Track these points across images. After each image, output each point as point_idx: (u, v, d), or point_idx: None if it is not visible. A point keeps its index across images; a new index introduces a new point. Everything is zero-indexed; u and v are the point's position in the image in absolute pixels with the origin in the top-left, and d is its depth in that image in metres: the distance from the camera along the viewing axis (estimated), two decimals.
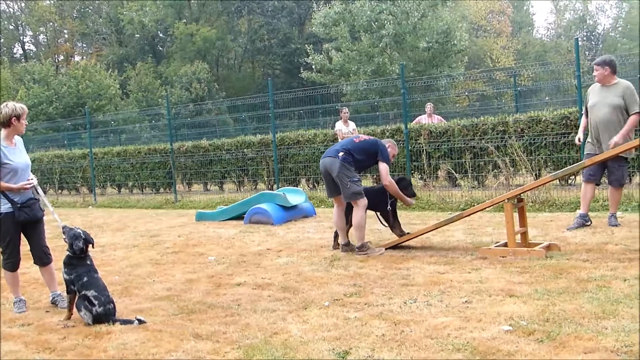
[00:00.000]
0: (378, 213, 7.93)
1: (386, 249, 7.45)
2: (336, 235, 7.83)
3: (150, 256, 8.22)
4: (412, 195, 7.95)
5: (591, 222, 8.09)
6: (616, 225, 7.88)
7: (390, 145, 7.66)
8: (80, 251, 5.33)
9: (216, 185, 17.87)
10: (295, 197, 11.12)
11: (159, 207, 15.29)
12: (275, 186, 14.47)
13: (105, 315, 5.09)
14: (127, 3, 46.06)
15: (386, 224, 7.86)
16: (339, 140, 13.96)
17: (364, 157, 7.38)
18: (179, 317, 5.16)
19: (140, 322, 4.98)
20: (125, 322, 5.03)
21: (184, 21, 44.75)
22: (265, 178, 15.63)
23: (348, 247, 7.54)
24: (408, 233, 7.68)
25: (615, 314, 4.38)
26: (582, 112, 8.41)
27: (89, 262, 5.39)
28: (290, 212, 10.68)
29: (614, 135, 7.61)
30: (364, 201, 7.25)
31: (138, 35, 46.97)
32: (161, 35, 49.24)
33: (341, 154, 7.27)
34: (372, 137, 7.67)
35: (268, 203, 10.67)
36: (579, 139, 8.34)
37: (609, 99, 7.77)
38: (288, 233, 9.40)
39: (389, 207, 7.66)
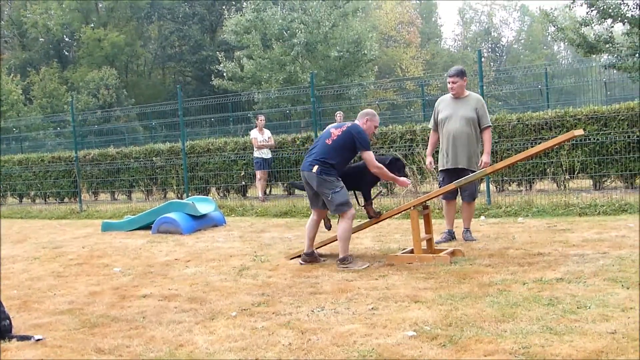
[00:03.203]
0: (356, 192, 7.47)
1: (291, 259, 7.45)
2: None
3: (52, 268, 7.92)
4: (406, 176, 7.50)
5: (455, 238, 8.05)
6: (473, 240, 7.80)
7: (368, 120, 7.02)
8: None
9: (124, 195, 17.44)
10: (205, 206, 10.98)
11: (63, 217, 14.77)
12: (185, 195, 14.26)
13: (0, 333, 4.86)
14: (30, 5, 44.39)
15: (361, 204, 7.42)
16: (255, 148, 13.94)
17: (342, 155, 6.86)
18: (81, 332, 4.99)
19: (38, 339, 4.77)
20: (23, 338, 4.81)
21: (92, 26, 43.52)
22: (175, 187, 15.38)
23: (310, 257, 7.11)
24: (380, 213, 7.37)
25: (514, 317, 4.53)
26: (431, 127, 8.18)
27: None
28: (200, 221, 10.53)
29: (468, 149, 7.62)
30: (351, 212, 6.78)
31: (42, 39, 45.33)
32: (67, 39, 47.73)
33: (315, 167, 6.74)
34: (346, 126, 6.93)
35: (177, 212, 10.49)
36: (430, 163, 8.13)
37: (462, 111, 7.65)
38: (197, 242, 9.27)
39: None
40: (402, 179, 7.13)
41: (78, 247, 9.62)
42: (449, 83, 7.77)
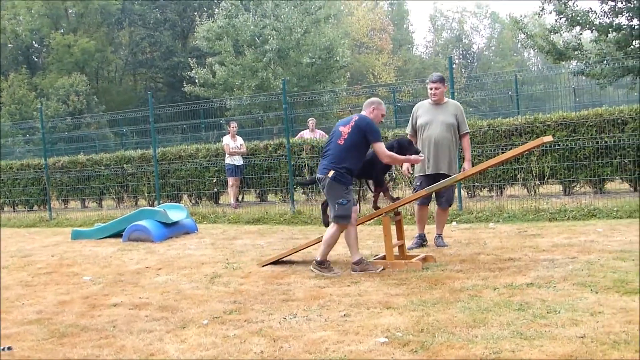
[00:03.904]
0: (369, 182, 7.36)
1: (263, 266, 7.43)
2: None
3: (21, 277, 7.79)
4: (417, 152, 7.18)
5: (427, 242, 8.11)
6: (444, 246, 7.85)
7: (374, 109, 6.90)
8: None
9: (95, 202, 17.24)
10: (176, 213, 10.90)
11: (32, 225, 14.56)
12: (156, 202, 14.15)
13: None
14: None
15: (375, 193, 7.31)
16: (226, 154, 13.87)
17: (356, 154, 6.68)
18: (50, 342, 4.91)
19: (8, 348, 4.69)
20: None
21: (61, 32, 43.01)
22: (146, 194, 15.25)
23: (360, 264, 6.72)
24: (398, 198, 7.26)
25: (485, 322, 4.56)
26: (408, 132, 8.13)
27: None
28: (171, 229, 10.45)
29: (449, 155, 7.67)
30: (345, 226, 6.67)
31: (11, 45, 44.70)
32: (36, 45, 47.12)
33: (331, 172, 6.59)
34: (353, 120, 6.72)
35: (148, 220, 10.40)
36: (407, 169, 8.06)
37: (442, 117, 7.66)
38: (169, 250, 9.20)
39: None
40: (414, 156, 7.01)
41: (47, 255, 9.48)
42: (431, 89, 7.77)
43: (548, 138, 6.69)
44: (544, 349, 3.93)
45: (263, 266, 7.39)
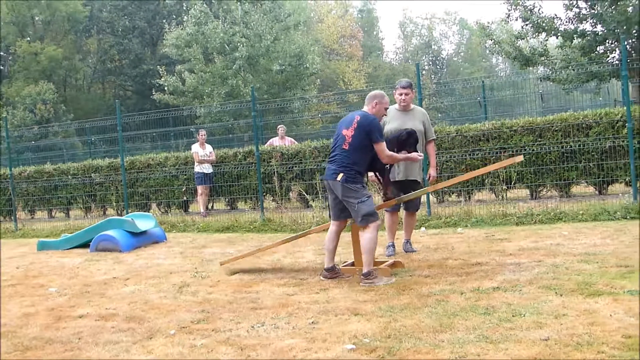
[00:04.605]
0: (376, 173, 7.15)
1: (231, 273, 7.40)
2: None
3: None
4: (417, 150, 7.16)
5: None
6: (413, 251, 7.86)
7: (377, 103, 6.66)
8: None
9: (62, 212, 17.03)
10: (145, 222, 10.81)
11: None
12: (124, 212, 14.01)
13: None
14: None
15: (381, 186, 7.19)
16: (196, 162, 13.79)
17: (364, 155, 6.50)
18: (13, 355, 4.83)
19: None
20: None
21: (28, 39, 42.54)
22: (114, 203, 15.11)
23: (331, 272, 6.68)
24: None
25: (451, 327, 4.59)
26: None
27: None
28: (140, 238, 10.36)
29: (419, 161, 7.56)
30: (377, 222, 6.42)
31: None
32: (2, 53, 46.50)
33: (340, 175, 6.39)
34: (355, 121, 6.48)
35: (116, 229, 10.29)
36: (377, 176, 7.84)
37: (410, 123, 7.56)
38: (137, 260, 9.11)
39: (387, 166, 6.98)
40: (413, 154, 6.93)
41: (12, 267, 9.33)
42: (401, 94, 7.69)
43: (519, 158, 6.76)
44: (509, 352, 3.97)
45: (222, 264, 7.34)
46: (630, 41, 19.54)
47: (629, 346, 3.93)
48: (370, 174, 7.80)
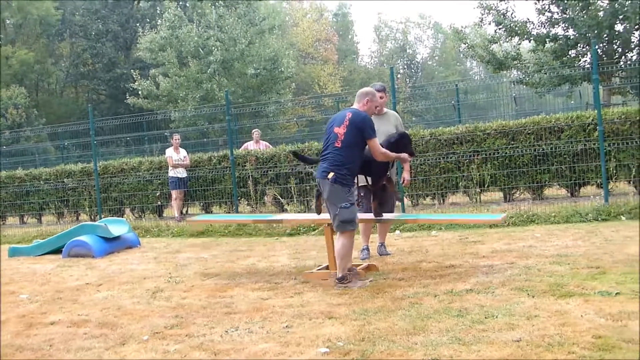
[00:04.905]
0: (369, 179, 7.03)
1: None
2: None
3: None
4: (411, 154, 7.11)
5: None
6: (387, 254, 7.90)
7: (368, 101, 6.58)
8: None
9: (34, 218, 16.81)
10: (118, 227, 10.72)
11: None
12: (98, 217, 13.88)
13: None
14: None
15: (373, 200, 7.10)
16: (170, 167, 13.71)
17: (356, 153, 6.39)
18: None
19: None
20: None
21: None
22: (88, 209, 14.96)
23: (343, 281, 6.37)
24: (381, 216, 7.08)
25: (424, 329, 4.61)
26: None
27: None
28: (113, 244, 10.27)
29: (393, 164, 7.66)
30: (354, 231, 6.42)
31: None
32: None
33: (331, 175, 6.26)
34: (347, 119, 6.37)
35: (88, 235, 10.19)
36: None
37: (384, 127, 7.52)
38: (110, 265, 9.03)
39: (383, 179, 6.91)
40: (404, 155, 6.85)
41: None
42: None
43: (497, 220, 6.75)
44: (481, 354, 4.00)
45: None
46: (601, 45, 19.82)
47: (599, 346, 3.98)
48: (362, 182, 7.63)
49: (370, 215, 7.32)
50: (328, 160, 6.39)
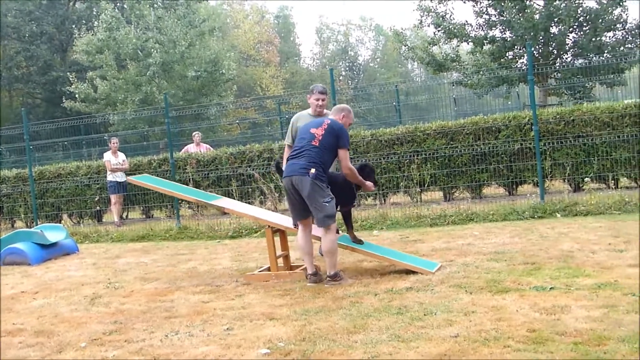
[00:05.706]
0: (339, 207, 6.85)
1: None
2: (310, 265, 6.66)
3: None
4: (375, 183, 7.09)
5: None
6: None
7: (344, 116, 6.70)
8: None
9: None
10: (55, 234, 10.45)
11: None
12: (34, 223, 13.53)
13: None
14: None
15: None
16: (108, 171, 13.45)
17: (330, 157, 6.45)
18: None
19: None
20: None
21: None
22: (23, 215, 14.57)
23: (316, 276, 6.48)
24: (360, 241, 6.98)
25: (365, 328, 4.66)
26: (287, 143, 7.73)
27: None
28: (50, 250, 10.01)
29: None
30: (335, 225, 6.38)
31: None
32: None
33: (312, 170, 6.21)
34: (326, 123, 6.47)
35: (24, 242, 9.91)
36: None
37: None
38: (47, 273, 8.80)
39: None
40: (369, 183, 6.84)
41: None
42: (318, 100, 7.52)
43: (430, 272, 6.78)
44: (420, 350, 4.06)
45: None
46: (536, 47, 20.36)
47: (533, 339, 4.09)
48: None
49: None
50: (305, 157, 6.34)
